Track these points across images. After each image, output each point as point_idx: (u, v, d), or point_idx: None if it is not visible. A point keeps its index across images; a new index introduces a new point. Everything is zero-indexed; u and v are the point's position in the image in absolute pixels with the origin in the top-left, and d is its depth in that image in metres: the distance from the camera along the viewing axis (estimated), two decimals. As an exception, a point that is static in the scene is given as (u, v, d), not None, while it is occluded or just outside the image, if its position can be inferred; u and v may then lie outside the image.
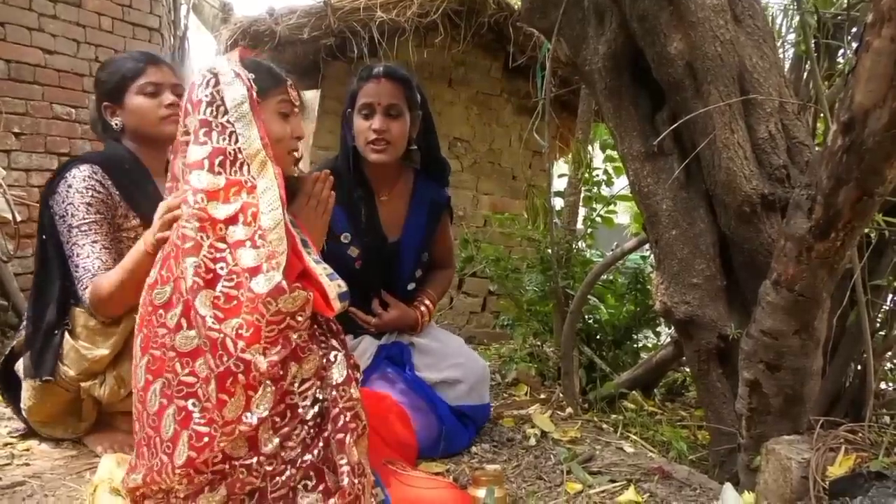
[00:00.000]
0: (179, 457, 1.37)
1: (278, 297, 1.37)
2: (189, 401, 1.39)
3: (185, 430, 1.38)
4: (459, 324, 5.00)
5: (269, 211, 1.43)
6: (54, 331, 1.90)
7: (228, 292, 1.39)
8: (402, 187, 2.30)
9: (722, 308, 2.03)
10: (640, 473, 2.01)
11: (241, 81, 1.50)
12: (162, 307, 1.45)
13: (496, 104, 5.17)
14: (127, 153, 2.05)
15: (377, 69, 2.16)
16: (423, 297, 2.34)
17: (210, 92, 1.49)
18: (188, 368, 1.40)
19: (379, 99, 2.11)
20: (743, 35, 1.95)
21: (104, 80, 2.07)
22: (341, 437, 1.44)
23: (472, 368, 2.22)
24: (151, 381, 1.44)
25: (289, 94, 1.62)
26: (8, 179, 3.44)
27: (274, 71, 1.63)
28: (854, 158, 1.39)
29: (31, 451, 1.96)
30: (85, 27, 4.18)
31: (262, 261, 1.39)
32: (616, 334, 3.15)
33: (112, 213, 1.94)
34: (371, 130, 2.10)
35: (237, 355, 1.35)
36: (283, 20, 4.37)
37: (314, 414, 1.45)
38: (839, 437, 1.63)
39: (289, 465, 1.41)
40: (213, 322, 1.36)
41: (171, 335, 1.42)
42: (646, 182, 2.10)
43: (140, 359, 1.48)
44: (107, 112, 2.07)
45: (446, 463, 2.04)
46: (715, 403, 2.09)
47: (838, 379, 2.09)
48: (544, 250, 3.23)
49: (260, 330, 1.36)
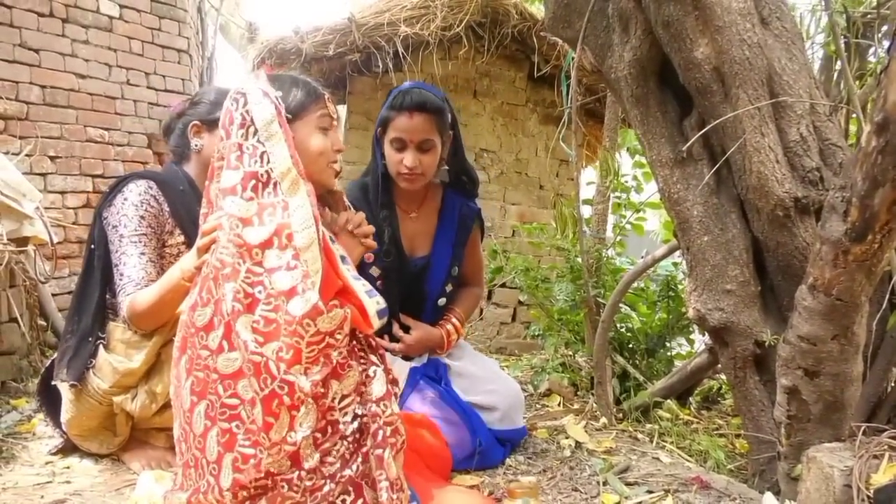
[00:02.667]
0: (225, 479, 1.38)
1: (316, 317, 1.37)
2: (233, 423, 1.40)
3: (229, 452, 1.39)
4: (490, 335, 4.99)
5: (303, 229, 1.42)
6: (88, 338, 1.95)
7: (267, 316, 1.39)
8: (430, 203, 2.29)
9: (757, 314, 2.00)
10: (678, 484, 1.98)
11: (269, 100, 1.50)
12: (203, 329, 1.45)
13: (522, 114, 5.17)
14: (185, 177, 2.10)
15: (408, 100, 2.09)
16: (450, 315, 2.31)
17: (240, 112, 1.49)
18: (230, 391, 1.40)
19: (411, 136, 2.08)
20: (771, 37, 1.94)
21: (203, 101, 2.12)
22: (380, 452, 1.44)
23: (505, 395, 2.19)
24: (196, 403, 1.45)
25: (328, 107, 1.63)
26: (44, 202, 3.51)
27: (312, 86, 1.63)
28: (890, 159, 1.36)
29: (71, 468, 1.99)
30: (116, 51, 4.27)
31: (298, 282, 1.38)
32: (649, 342, 3.12)
33: (161, 228, 2.00)
34: (403, 165, 2.08)
35: (280, 377, 1.35)
36: (309, 38, 4.43)
37: (354, 429, 1.46)
38: (882, 444, 1.59)
39: (328, 479, 1.41)
40: (255, 346, 1.37)
41: (213, 357, 1.43)
42: (676, 188, 2.08)
43: (185, 380, 1.48)
44: (192, 130, 2.09)
45: (481, 476, 2.03)
46: (753, 411, 2.05)
47: (879, 384, 2.05)
48: (574, 259, 3.21)
49: (300, 352, 1.37)
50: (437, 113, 2.11)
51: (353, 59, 4.53)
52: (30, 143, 3.68)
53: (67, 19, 3.97)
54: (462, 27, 4.46)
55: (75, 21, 4.01)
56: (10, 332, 2.85)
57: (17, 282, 2.90)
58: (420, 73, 4.59)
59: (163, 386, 1.92)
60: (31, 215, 2.82)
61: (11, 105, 3.66)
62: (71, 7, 3.98)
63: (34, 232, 2.89)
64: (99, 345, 1.95)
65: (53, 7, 3.88)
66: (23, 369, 2.91)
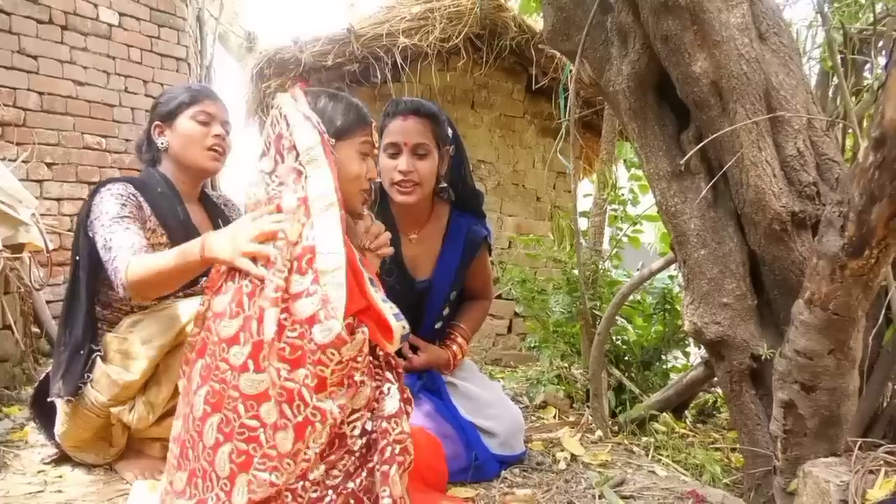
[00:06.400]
0: (240, 498, 1.37)
1: (340, 347, 1.37)
2: (250, 445, 1.38)
3: (243, 472, 1.38)
4: (486, 346, 4.99)
5: (327, 253, 1.39)
6: (80, 350, 1.93)
7: (293, 343, 1.37)
8: (434, 225, 2.22)
9: (753, 328, 2.00)
10: (674, 497, 1.97)
11: (311, 124, 1.49)
12: (226, 341, 1.43)
13: (519, 126, 5.19)
14: (161, 178, 2.10)
15: (403, 104, 2.08)
16: (456, 333, 2.28)
17: (287, 136, 1.50)
18: (252, 412, 1.38)
19: (405, 138, 2.03)
20: (768, 52, 1.94)
21: (162, 102, 2.16)
22: (386, 468, 1.44)
23: (507, 421, 2.17)
24: (210, 414, 1.43)
25: (372, 135, 1.64)
26: (40, 209, 3.50)
27: (362, 112, 1.63)
28: (887, 175, 1.36)
29: (63, 477, 1.98)
30: (115, 59, 4.28)
31: (318, 308, 1.37)
32: (645, 355, 3.11)
33: (143, 223, 1.97)
34: (397, 171, 2.04)
35: (313, 404, 1.35)
36: (308, 48, 4.44)
37: (361, 445, 1.46)
38: (878, 459, 1.59)
39: (330, 490, 1.42)
40: (287, 373, 1.36)
41: (233, 372, 1.40)
42: (673, 202, 2.09)
43: (199, 387, 1.46)
44: (156, 131, 2.13)
45: (476, 488, 2.02)
46: (749, 425, 2.05)
47: (875, 399, 2.04)
48: (570, 271, 3.21)
49: (325, 380, 1.37)
50: (433, 118, 2.08)
51: (352, 69, 4.54)
52: (27, 149, 3.68)
53: (66, 26, 3.98)
54: (461, 39, 4.48)
55: (74, 28, 4.02)
56: (4, 340, 2.84)
57: (12, 289, 2.89)
58: (418, 84, 4.60)
59: (161, 397, 1.90)
60: (26, 222, 2.81)
61: (9, 111, 3.66)
62: (70, 14, 3.99)
63: (29, 238, 2.88)
64: (94, 357, 1.92)
65: (52, 14, 3.90)
66: (16, 377, 2.90)
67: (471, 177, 2.28)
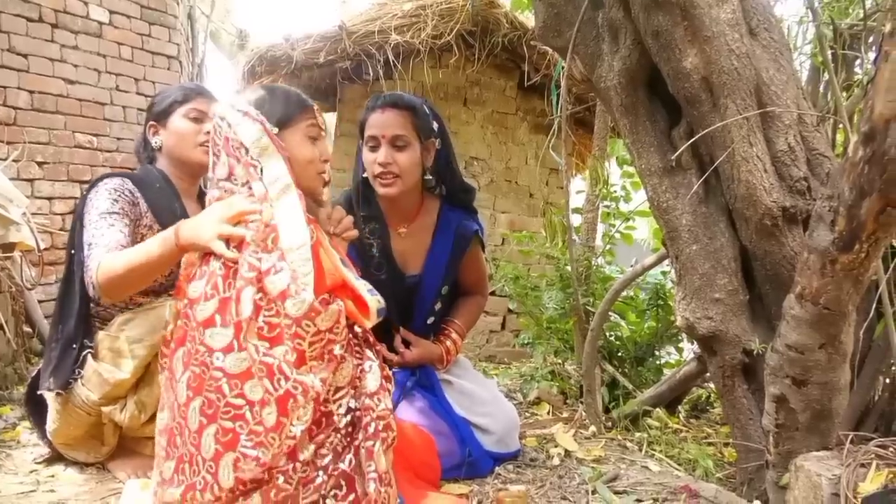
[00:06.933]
0: (226, 479, 1.38)
1: (315, 317, 1.41)
2: (237, 423, 1.40)
3: (229, 451, 1.39)
4: (479, 343, 4.99)
5: (291, 231, 1.45)
6: (72, 345, 1.93)
7: (270, 321, 1.42)
8: (424, 219, 2.22)
9: (745, 323, 2.01)
10: (667, 492, 1.98)
11: (250, 119, 1.54)
12: (202, 323, 1.45)
13: (512, 123, 5.18)
14: (159, 174, 2.13)
15: (382, 98, 2.10)
16: (450, 329, 2.27)
17: (233, 137, 1.55)
18: (237, 391, 1.40)
19: (383, 131, 2.04)
20: (759, 48, 1.95)
21: (155, 102, 2.19)
22: (370, 444, 1.47)
23: (502, 420, 2.18)
24: (192, 398, 1.45)
25: (316, 118, 1.67)
26: (31, 208, 3.48)
27: (301, 97, 1.67)
28: (876, 169, 1.37)
29: (55, 477, 1.97)
30: (105, 57, 4.25)
31: (288, 282, 1.41)
32: (638, 351, 3.12)
33: (137, 219, 1.99)
34: (377, 164, 2.05)
35: (294, 378, 1.38)
36: (300, 45, 4.43)
37: (347, 422, 1.49)
38: (870, 453, 1.60)
39: (321, 471, 1.44)
40: (266, 349, 1.39)
41: (211, 354, 1.42)
42: (665, 197, 2.09)
43: (182, 374, 1.48)
44: (150, 131, 2.18)
45: (469, 484, 2.02)
46: (741, 420, 2.06)
47: (866, 393, 2.06)
48: (563, 268, 3.22)
49: (304, 353, 1.41)
50: (411, 110, 2.09)
51: (344, 66, 4.53)
52: (17, 148, 3.66)
53: (57, 24, 3.95)
54: (453, 36, 4.47)
55: (64, 26, 3.99)
56: (-5, 339, 2.82)
57: (3, 288, 2.88)
58: (411, 81, 4.59)
59: (153, 396, 1.90)
60: (17, 221, 2.80)
61: (-1, 110, 3.64)
62: (60, 12, 3.96)
63: (20, 238, 2.86)
64: (86, 354, 1.92)
65: (43, 12, 3.87)
66: (8, 376, 2.89)
67: (459, 171, 2.28)
